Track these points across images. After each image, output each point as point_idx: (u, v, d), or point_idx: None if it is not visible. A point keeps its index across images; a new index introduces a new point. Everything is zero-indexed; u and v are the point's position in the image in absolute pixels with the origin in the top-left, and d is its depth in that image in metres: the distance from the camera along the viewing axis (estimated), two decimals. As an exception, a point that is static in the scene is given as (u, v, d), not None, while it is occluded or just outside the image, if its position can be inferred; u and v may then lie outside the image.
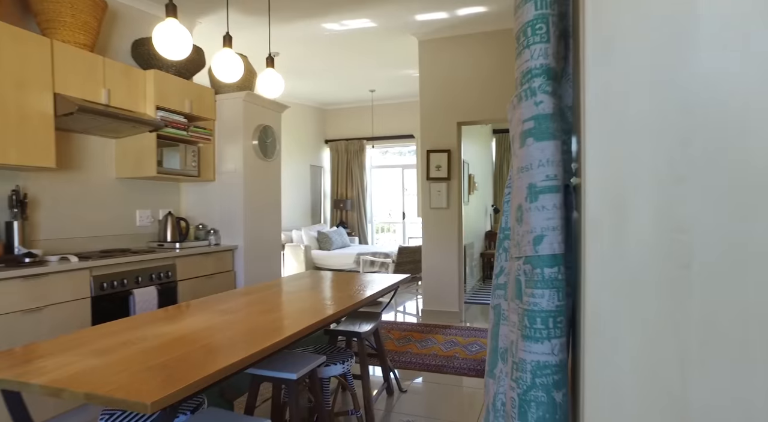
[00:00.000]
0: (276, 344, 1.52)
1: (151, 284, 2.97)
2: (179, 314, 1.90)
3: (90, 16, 2.87)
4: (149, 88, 3.23)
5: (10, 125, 2.43)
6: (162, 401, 1.08)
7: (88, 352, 1.42)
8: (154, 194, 3.70)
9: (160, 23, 1.71)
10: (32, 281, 2.31)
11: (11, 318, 2.22)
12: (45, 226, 2.90)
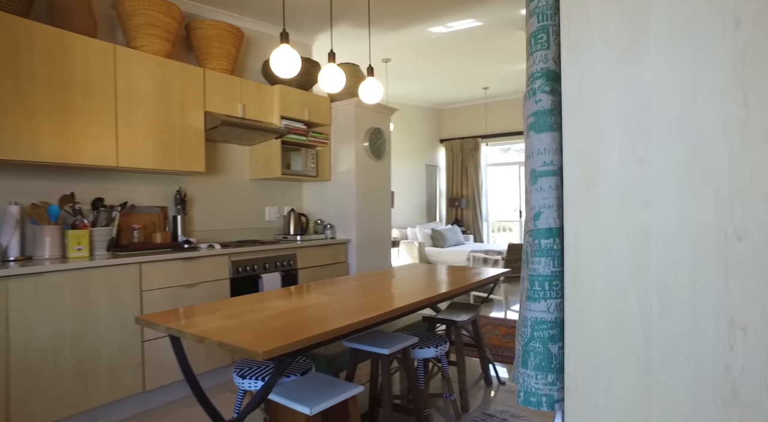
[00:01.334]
0: (367, 319, 1.75)
1: (276, 270, 3.45)
2: (295, 293, 2.25)
3: (231, 45, 3.44)
4: (275, 101, 3.74)
5: (176, 140, 3.05)
6: (270, 351, 1.37)
7: (224, 315, 1.79)
8: (280, 193, 4.24)
9: (276, 49, 2.06)
10: (189, 263, 2.89)
11: (176, 290, 2.80)
12: (198, 219, 3.56)
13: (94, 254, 2.70)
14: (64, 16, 2.66)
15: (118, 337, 2.53)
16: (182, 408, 2.71)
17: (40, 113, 2.45)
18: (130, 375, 2.57)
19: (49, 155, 2.48)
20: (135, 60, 2.85)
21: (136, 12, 2.90)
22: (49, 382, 2.27)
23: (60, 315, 2.31)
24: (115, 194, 3.06)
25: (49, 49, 2.48)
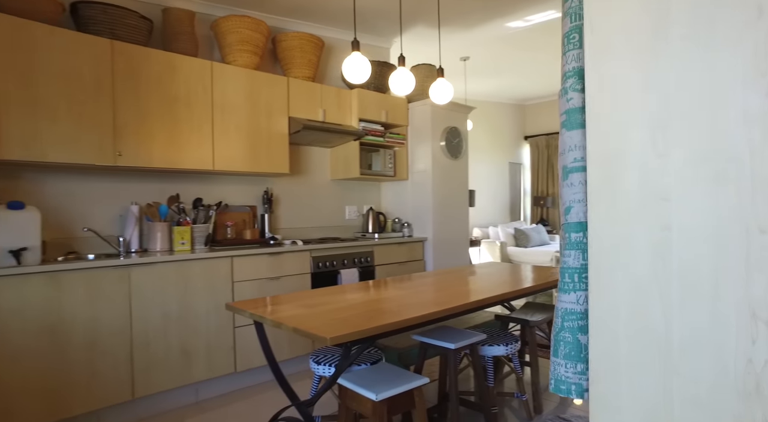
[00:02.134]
0: (434, 313, 1.81)
1: (354, 266, 3.62)
2: (369, 287, 2.37)
3: (312, 54, 3.67)
4: (353, 104, 3.92)
5: (263, 144, 3.34)
6: (337, 337, 1.49)
7: (301, 305, 1.96)
8: (360, 193, 4.43)
9: (348, 57, 2.20)
10: (274, 258, 3.14)
11: (263, 282, 3.07)
12: (283, 217, 3.84)
13: (194, 247, 3.05)
14: (172, 41, 3.04)
15: (214, 322, 2.84)
16: (267, 390, 2.96)
17: (153, 126, 2.82)
18: (224, 356, 2.87)
19: (160, 162, 2.86)
20: (228, 74, 3.17)
21: (230, 31, 3.22)
22: (161, 357, 2.62)
23: (168, 300, 2.66)
24: (211, 194, 3.43)
25: (161, 70, 2.86)
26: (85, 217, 2.87)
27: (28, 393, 2.22)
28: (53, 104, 2.48)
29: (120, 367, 2.48)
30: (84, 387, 2.37)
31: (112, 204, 2.97)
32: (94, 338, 2.40)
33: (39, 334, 2.25)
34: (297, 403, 1.85)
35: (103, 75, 2.64)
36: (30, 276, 2.23)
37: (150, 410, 2.65)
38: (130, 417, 2.58)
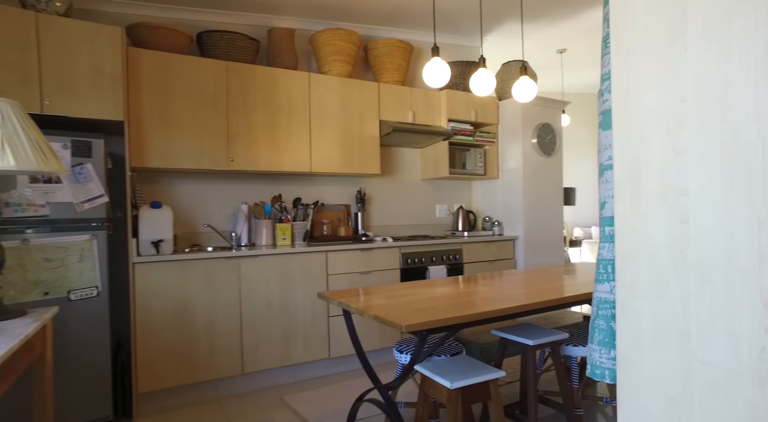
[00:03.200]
0: (511, 308, 1.84)
1: (443, 263, 3.70)
2: (453, 282, 2.46)
3: (402, 59, 3.83)
4: (443, 105, 4.00)
5: (355, 147, 3.58)
6: (412, 326, 1.61)
7: (386, 296, 2.11)
8: (450, 191, 4.49)
9: (428, 62, 2.30)
10: (366, 253, 3.36)
11: (354, 276, 3.30)
12: (375, 216, 4.06)
13: (294, 243, 3.37)
14: (276, 57, 3.40)
15: (310, 311, 3.12)
16: (358, 376, 3.18)
17: (259, 134, 3.19)
18: (319, 342, 3.14)
19: (265, 165, 3.22)
20: (324, 83, 3.45)
21: (326, 43, 3.50)
22: (265, 339, 2.96)
23: (271, 289, 2.99)
24: (309, 194, 3.75)
25: (266, 84, 3.22)
26: (205, 214, 3.33)
27: (166, 358, 2.66)
28: (182, 120, 2.93)
29: (232, 345, 2.86)
30: (205, 358, 2.78)
31: (226, 203, 3.40)
32: (211, 318, 2.80)
33: (173, 311, 2.69)
34: (378, 386, 2.00)
35: (219, 92, 3.06)
36: (165, 263, 2.67)
37: (256, 384, 3.00)
38: (241, 389, 2.96)
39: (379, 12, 3.74)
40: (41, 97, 2.40)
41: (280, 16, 3.61)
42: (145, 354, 2.62)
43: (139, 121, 2.80)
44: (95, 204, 2.47)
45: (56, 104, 2.44)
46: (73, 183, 2.42)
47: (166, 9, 3.23)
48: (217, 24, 3.40)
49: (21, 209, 2.28)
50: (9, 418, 2.26)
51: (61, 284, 2.39)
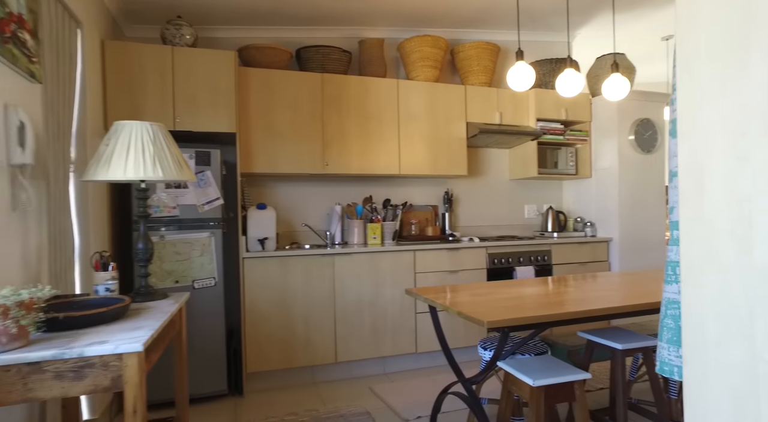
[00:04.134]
0: (597, 310, 1.83)
1: (530, 264, 3.66)
2: (541, 282, 2.46)
3: (488, 60, 3.85)
4: (531, 105, 3.95)
5: (442, 149, 3.67)
6: (494, 322, 1.67)
7: (471, 294, 2.19)
8: (539, 192, 4.40)
9: (512, 67, 2.33)
10: (452, 253, 3.44)
11: (441, 274, 3.40)
12: (463, 216, 4.12)
13: (384, 241, 3.56)
14: (366, 66, 3.61)
15: (399, 306, 3.28)
16: (443, 372, 3.27)
17: (351, 140, 3.42)
18: (407, 337, 3.29)
19: (357, 169, 3.44)
20: (411, 89, 3.59)
21: (413, 50, 3.64)
22: (356, 331, 3.18)
23: (362, 284, 3.20)
24: (398, 195, 3.91)
25: (357, 93, 3.44)
26: (303, 215, 3.64)
27: (270, 343, 2.98)
28: (283, 129, 3.25)
29: (327, 335, 3.11)
30: (303, 345, 3.06)
31: (321, 204, 3.69)
32: (309, 309, 3.08)
33: (275, 301, 3.00)
34: (462, 379, 2.09)
35: (315, 102, 3.33)
36: (269, 259, 2.99)
37: (348, 373, 3.23)
38: (334, 376, 3.20)
39: (464, 15, 3.79)
40: (174, 116, 2.83)
41: (370, 27, 3.82)
42: (252, 338, 2.95)
43: (247, 131, 3.16)
44: (213, 206, 2.85)
45: (184, 121, 2.86)
46: (196, 188, 2.81)
47: (271, 30, 3.58)
48: (313, 39, 3.69)
49: (159, 211, 2.71)
50: (158, 382, 2.70)
51: (187, 275, 2.79)
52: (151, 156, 1.61)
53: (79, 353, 1.14)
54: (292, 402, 2.81)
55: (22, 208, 1.62)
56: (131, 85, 2.77)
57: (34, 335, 1.23)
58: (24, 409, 1.63)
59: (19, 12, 1.54)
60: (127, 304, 1.47)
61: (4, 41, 1.45)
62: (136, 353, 1.18)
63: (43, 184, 1.78)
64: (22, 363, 1.10)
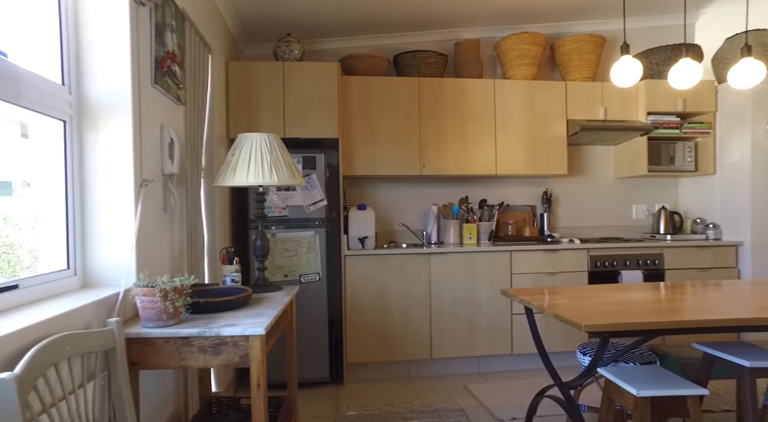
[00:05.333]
0: (713, 321, 1.68)
1: (638, 268, 3.42)
2: (650, 287, 2.31)
3: (591, 54, 3.66)
4: (640, 98, 3.67)
5: (541, 148, 3.58)
6: (593, 326, 1.63)
7: (569, 297, 2.14)
8: (649, 191, 4.07)
9: (617, 62, 2.20)
10: (551, 254, 3.34)
11: (539, 276, 3.32)
12: (562, 217, 3.96)
13: (479, 242, 3.56)
14: (462, 67, 3.64)
15: (494, 307, 3.27)
16: (539, 375, 3.20)
17: (447, 141, 3.48)
18: (502, 338, 3.27)
19: (453, 169, 3.49)
20: (508, 88, 3.55)
21: (510, 48, 3.59)
22: (451, 329, 3.23)
23: (457, 283, 3.24)
24: (494, 195, 3.88)
25: (454, 95, 3.48)
26: (400, 215, 3.77)
27: (369, 336, 3.16)
28: (382, 133, 3.41)
29: (422, 331, 3.21)
30: (399, 340, 3.19)
31: (418, 205, 3.79)
32: (405, 305, 3.20)
33: (374, 297, 3.17)
34: (559, 383, 2.05)
35: (412, 106, 3.44)
36: (368, 256, 3.17)
37: (442, 370, 3.30)
38: (428, 372, 3.29)
39: (566, 7, 3.64)
40: (284, 125, 3.12)
41: (466, 29, 3.84)
42: (352, 330, 3.15)
43: (348, 136, 3.37)
44: (318, 207, 3.09)
45: (293, 129, 3.14)
46: (302, 190, 3.07)
47: (369, 38, 3.77)
48: (410, 45, 3.81)
49: (271, 211, 3.01)
50: (271, 366, 3.01)
51: (295, 270, 3.06)
52: (268, 164, 1.83)
53: (216, 332, 1.36)
54: (388, 394, 2.95)
55: (170, 210, 1.93)
56: (249, 99, 3.11)
57: (182, 315, 1.49)
58: (173, 377, 1.95)
59: (172, 49, 1.85)
60: (249, 294, 1.70)
61: (162, 74, 1.76)
62: (260, 335, 1.37)
63: (183, 189, 2.10)
64: (177, 337, 1.35)
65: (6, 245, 5.75)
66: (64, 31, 1.55)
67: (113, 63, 1.60)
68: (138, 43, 1.67)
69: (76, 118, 1.58)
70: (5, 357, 0.99)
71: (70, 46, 1.56)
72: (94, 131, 1.61)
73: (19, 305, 1.27)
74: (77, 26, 1.59)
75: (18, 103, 1.28)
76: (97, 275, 1.62)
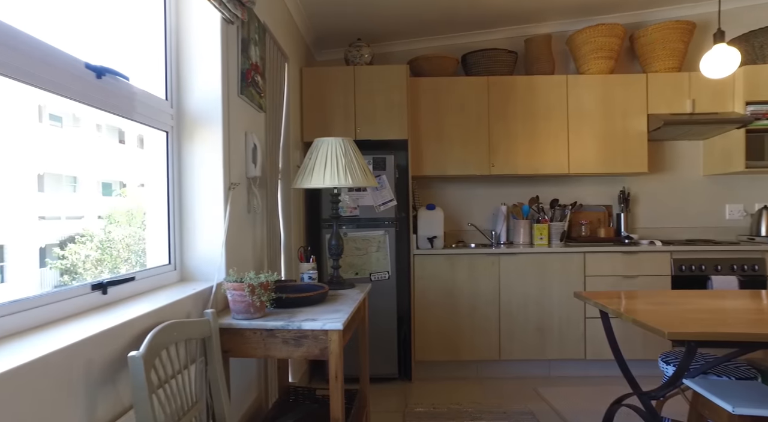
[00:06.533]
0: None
1: (732, 274, 3.15)
2: (750, 295, 2.14)
3: (678, 42, 3.42)
4: (738, 87, 3.37)
5: (618, 145, 3.40)
6: (678, 334, 1.55)
7: (650, 302, 2.03)
8: (747, 189, 3.73)
9: (708, 52, 2.05)
10: (628, 256, 3.18)
11: (615, 279, 3.17)
12: (640, 217, 3.74)
13: (551, 242, 3.46)
14: (533, 64, 3.55)
15: (566, 309, 3.17)
16: (616, 383, 3.05)
17: (517, 140, 3.41)
18: (574, 342, 3.16)
19: (523, 169, 3.42)
20: (582, 83, 3.41)
21: (584, 42, 3.44)
22: (520, 331, 3.18)
23: (527, 284, 3.18)
24: (567, 195, 3.75)
25: (523, 93, 3.41)
26: (468, 215, 3.76)
27: (437, 335, 3.19)
28: (450, 133, 3.42)
29: (491, 332, 3.18)
30: (467, 340, 3.19)
31: (486, 205, 3.75)
32: (473, 305, 3.19)
33: (442, 296, 3.19)
34: (639, 392, 1.96)
35: (481, 105, 3.41)
36: (437, 256, 3.19)
37: (511, 372, 3.25)
38: (497, 373, 3.26)
39: (647, -4, 3.43)
40: (355, 127, 3.23)
41: (537, 24, 3.73)
42: (421, 329, 3.19)
43: (417, 137, 3.41)
44: (387, 207, 3.16)
45: (363, 131, 3.23)
46: (373, 191, 3.16)
47: (437, 39, 3.78)
48: (478, 43, 3.77)
49: (343, 211, 3.13)
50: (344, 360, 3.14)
51: (366, 268, 3.16)
52: (343, 167, 1.92)
53: (298, 326, 1.46)
54: (456, 393, 2.97)
55: (253, 211, 2.09)
56: (322, 103, 3.24)
57: (267, 309, 1.61)
58: (255, 366, 2.11)
59: (255, 60, 2.00)
60: (326, 291, 1.80)
61: (247, 85, 1.91)
62: (338, 330, 1.45)
63: (263, 191, 2.25)
64: (263, 329, 1.47)
65: (108, 240, 6.35)
66: (168, 53, 1.73)
67: (207, 78, 1.76)
68: (227, 58, 1.82)
69: (176, 128, 1.76)
70: (131, 337, 1.16)
71: (173, 65, 1.74)
72: (189, 139, 1.78)
73: (135, 295, 1.45)
74: (178, 47, 1.76)
75: (132, 118, 1.46)
76: (192, 269, 1.79)
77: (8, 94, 4.78)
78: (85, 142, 8.48)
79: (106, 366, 1.07)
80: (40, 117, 7.20)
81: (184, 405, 1.23)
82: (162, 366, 1.16)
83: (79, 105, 1.21)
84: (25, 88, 1.07)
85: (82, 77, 1.22)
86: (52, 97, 1.22)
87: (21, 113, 6.96)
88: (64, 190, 7.93)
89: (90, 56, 1.26)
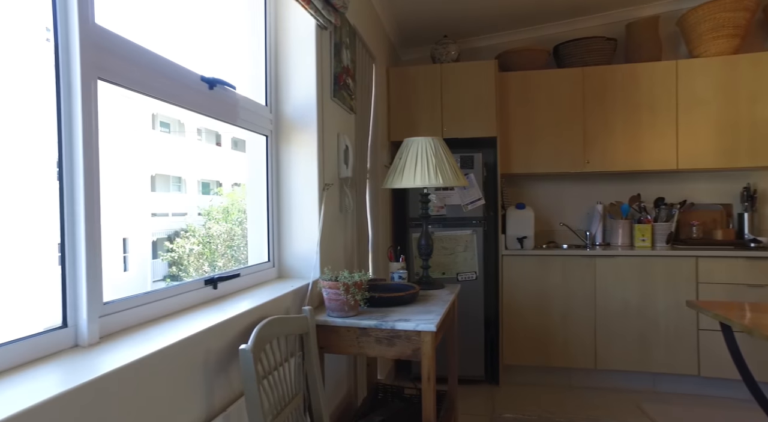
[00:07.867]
0: None
1: None
2: None
3: (815, 15, 2.95)
4: None
5: (741, 135, 3.02)
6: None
7: (780, 317, 1.78)
8: None
9: None
10: (753, 262, 2.81)
11: (737, 287, 2.82)
12: (768, 217, 3.29)
13: (654, 245, 3.16)
14: (635, 51, 3.27)
15: (674, 319, 2.88)
16: (740, 408, 2.71)
17: (616, 134, 3.16)
18: (685, 355, 2.86)
19: (623, 165, 3.16)
20: (695, 68, 3.07)
21: (701, 20, 3.09)
22: (619, 339, 2.94)
23: (627, 290, 2.94)
24: (674, 193, 3.40)
25: (624, 82, 3.15)
26: (560, 214, 3.56)
27: (526, 339, 3.07)
28: (541, 129, 3.25)
29: (585, 338, 2.99)
30: (559, 346, 3.02)
31: (580, 203, 3.53)
32: (566, 310, 3.01)
33: (532, 299, 3.06)
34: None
35: (575, 98, 3.21)
36: (527, 257, 3.06)
37: (609, 383, 3.02)
38: (592, 383, 3.05)
39: (778, -35, 3.00)
40: (442, 126, 3.19)
41: (641, 5, 3.42)
42: (509, 331, 3.08)
43: (506, 134, 3.29)
44: (475, 206, 3.09)
45: (450, 129, 3.19)
46: (460, 190, 3.10)
47: (527, 31, 3.62)
48: (572, 32, 3.55)
49: (430, 210, 3.11)
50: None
51: (453, 268, 3.12)
52: (433, 166, 1.90)
53: (391, 326, 1.47)
54: (546, 401, 2.83)
55: (344, 210, 2.14)
56: (408, 102, 3.25)
57: (360, 308, 1.64)
58: (345, 363, 2.17)
59: (347, 64, 2.05)
60: (417, 291, 1.79)
61: (339, 88, 1.96)
62: (431, 332, 1.44)
63: (353, 191, 2.30)
64: (357, 327, 1.50)
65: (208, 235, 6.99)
66: (268, 61, 1.82)
67: (303, 83, 1.83)
68: (321, 63, 1.88)
69: (275, 132, 1.86)
70: (239, 329, 1.24)
71: (271, 72, 1.84)
72: (287, 142, 1.86)
73: (240, 290, 1.55)
74: (277, 55, 1.86)
75: (236, 124, 1.56)
76: (289, 267, 1.88)
77: (131, 106, 5.33)
78: (188, 145, 9.25)
79: (221, 356, 1.16)
80: (153, 125, 8.03)
81: (285, 396, 1.29)
82: (266, 358, 1.22)
83: (187, 113, 1.32)
84: (147, 100, 1.19)
85: (198, 89, 1.32)
86: (166, 106, 1.34)
87: (139, 122, 7.80)
88: (171, 189, 8.74)
89: (202, 68, 1.36)
